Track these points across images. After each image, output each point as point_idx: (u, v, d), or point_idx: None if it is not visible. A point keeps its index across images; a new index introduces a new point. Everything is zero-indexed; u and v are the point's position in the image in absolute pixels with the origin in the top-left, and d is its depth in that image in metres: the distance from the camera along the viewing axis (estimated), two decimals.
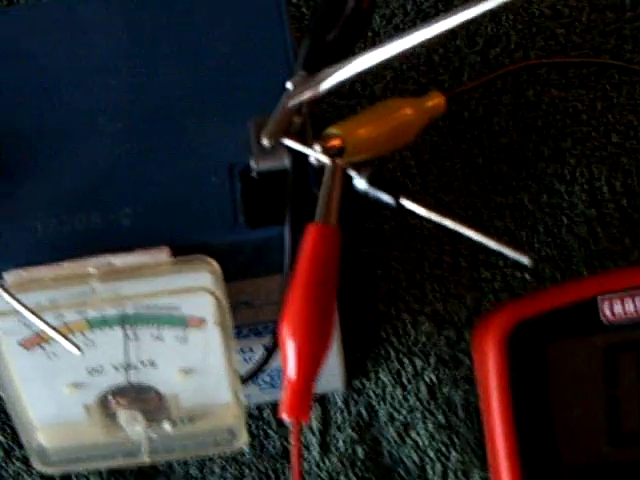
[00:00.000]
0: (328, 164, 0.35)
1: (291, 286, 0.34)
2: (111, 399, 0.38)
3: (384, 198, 0.35)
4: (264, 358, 0.40)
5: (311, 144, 0.36)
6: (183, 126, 0.38)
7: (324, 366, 0.34)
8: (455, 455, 0.46)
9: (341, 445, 0.47)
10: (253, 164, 0.36)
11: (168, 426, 0.39)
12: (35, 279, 0.35)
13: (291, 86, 0.36)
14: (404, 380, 0.48)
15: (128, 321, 0.36)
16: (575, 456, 0.41)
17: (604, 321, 0.40)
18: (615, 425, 0.41)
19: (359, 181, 0.35)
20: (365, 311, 0.50)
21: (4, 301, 0.34)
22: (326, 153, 0.35)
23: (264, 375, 0.43)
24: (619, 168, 0.53)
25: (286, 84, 0.37)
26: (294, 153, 0.36)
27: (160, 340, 0.37)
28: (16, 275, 0.35)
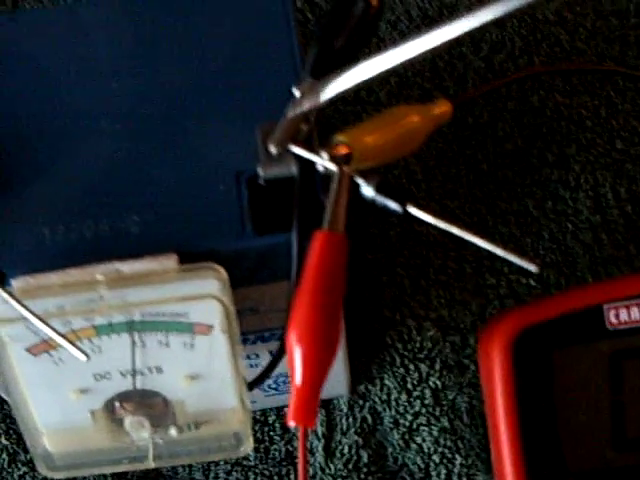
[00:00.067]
0: (335, 171, 0.35)
1: (298, 293, 0.34)
2: (117, 405, 0.38)
3: (391, 205, 0.34)
4: (270, 364, 0.39)
5: (318, 151, 0.36)
6: (190, 133, 0.38)
7: (330, 372, 0.34)
8: (460, 460, 0.46)
9: (346, 450, 0.47)
10: (260, 171, 0.36)
11: (174, 431, 0.39)
12: (42, 286, 0.35)
13: (298, 93, 0.36)
14: (409, 386, 0.48)
15: (135, 328, 0.36)
16: (580, 461, 0.41)
17: (609, 328, 0.40)
18: (620, 431, 0.41)
19: (366, 188, 0.35)
20: (370, 317, 0.50)
21: (11, 307, 0.34)
22: (333, 160, 0.35)
23: (269, 381, 0.43)
24: (623, 174, 0.53)
25: (293, 91, 0.37)
26: (301, 160, 0.36)
27: (167, 346, 0.37)
28: (23, 282, 0.35)
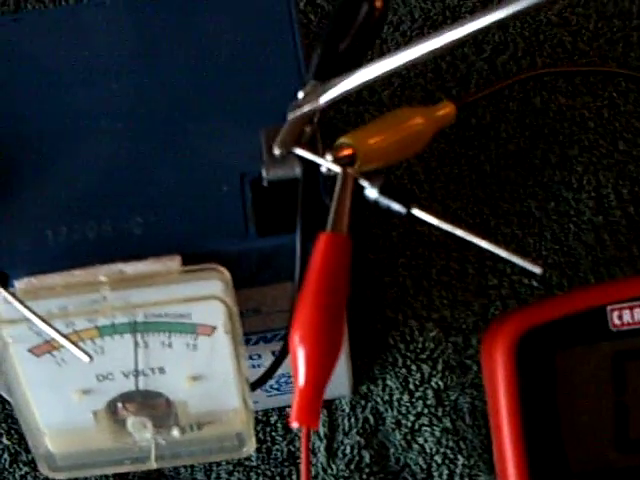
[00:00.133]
0: (339, 173, 0.35)
1: (301, 294, 0.34)
2: (120, 405, 0.38)
3: (395, 207, 0.35)
4: (273, 365, 0.39)
5: (322, 153, 0.36)
6: (194, 134, 0.38)
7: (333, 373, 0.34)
8: (462, 460, 0.46)
9: (348, 450, 0.47)
10: (264, 173, 0.36)
11: (176, 432, 0.39)
12: (46, 287, 0.35)
13: (302, 95, 0.36)
14: (411, 386, 0.48)
15: (138, 329, 0.36)
16: (582, 462, 0.41)
17: (612, 329, 0.40)
18: (622, 431, 0.41)
19: (370, 190, 0.35)
20: (373, 317, 0.50)
21: (14, 308, 0.34)
22: (337, 162, 0.35)
23: (271, 381, 0.43)
24: (626, 175, 0.53)
25: (298, 93, 0.37)
26: (305, 162, 0.36)
27: (170, 347, 0.36)
28: (27, 283, 0.35)
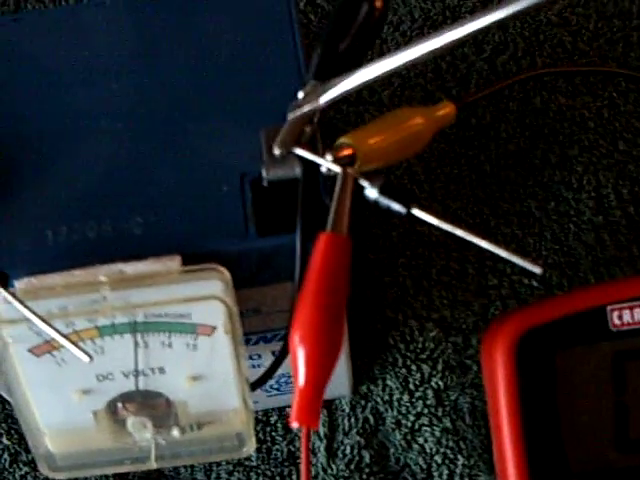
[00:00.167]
0: (339, 173, 0.35)
1: (301, 294, 0.34)
2: (120, 405, 0.38)
3: (395, 207, 0.35)
4: (273, 365, 0.39)
5: (322, 153, 0.36)
6: (194, 134, 0.38)
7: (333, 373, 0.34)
8: (462, 460, 0.46)
9: (348, 450, 0.47)
10: (264, 173, 0.36)
11: (176, 432, 0.39)
12: (46, 287, 0.35)
13: (303, 95, 0.36)
14: (411, 386, 0.48)
15: (138, 329, 0.36)
16: (582, 462, 0.41)
17: (613, 329, 0.40)
18: (622, 431, 0.41)
19: (370, 190, 0.35)
20: (373, 317, 0.50)
21: (14, 308, 0.34)
22: (337, 162, 0.35)
23: (271, 381, 0.43)
24: (626, 175, 0.53)
25: (298, 93, 0.37)
26: (305, 162, 0.36)
27: (170, 347, 0.36)
28: (27, 283, 0.35)
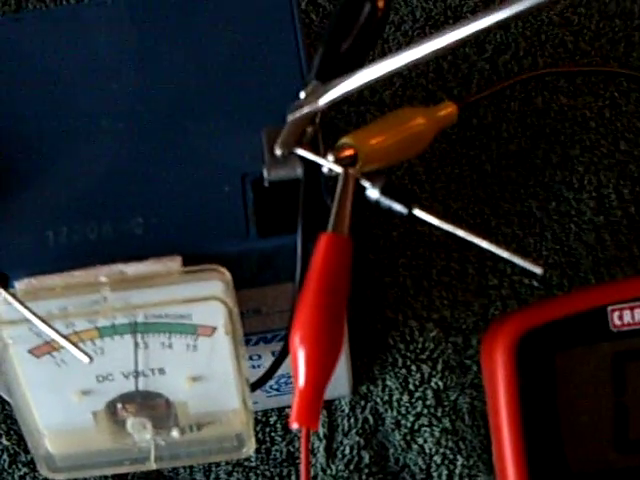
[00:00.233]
0: (340, 173, 0.35)
1: (302, 294, 0.34)
2: (120, 406, 0.38)
3: (396, 207, 0.34)
4: (273, 365, 0.39)
5: (323, 154, 0.35)
6: (195, 135, 0.38)
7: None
8: (461, 461, 0.46)
9: (347, 451, 0.47)
10: (265, 173, 0.36)
11: (176, 433, 0.39)
12: (46, 287, 0.35)
13: (304, 95, 0.36)
14: (411, 386, 0.48)
15: (139, 329, 0.36)
16: (582, 462, 0.41)
17: (613, 329, 0.40)
18: (622, 432, 0.41)
19: (371, 191, 0.35)
20: (373, 318, 0.50)
21: (14, 309, 0.34)
22: (338, 163, 0.35)
23: (271, 381, 0.43)
24: (627, 175, 0.53)
25: (299, 93, 0.36)
26: (306, 162, 0.36)
27: (170, 348, 0.36)
28: (27, 283, 0.35)
